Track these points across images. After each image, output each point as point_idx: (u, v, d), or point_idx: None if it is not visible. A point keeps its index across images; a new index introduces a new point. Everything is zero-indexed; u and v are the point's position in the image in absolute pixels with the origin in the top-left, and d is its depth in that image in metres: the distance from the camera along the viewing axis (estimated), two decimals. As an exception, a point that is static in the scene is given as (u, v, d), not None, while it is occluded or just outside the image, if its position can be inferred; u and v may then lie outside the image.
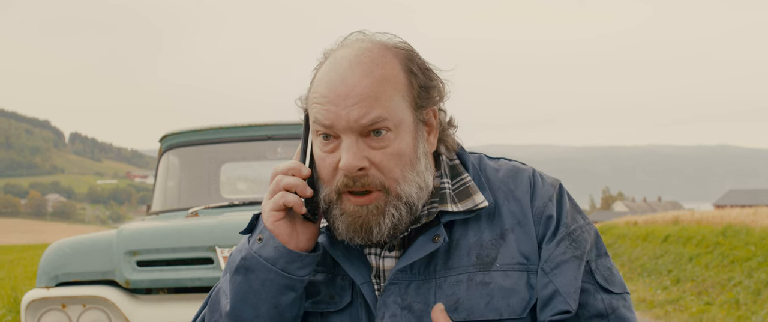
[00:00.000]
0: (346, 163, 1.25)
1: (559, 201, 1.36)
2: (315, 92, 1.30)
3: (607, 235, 23.38)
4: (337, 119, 1.25)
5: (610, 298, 1.31)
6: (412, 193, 1.28)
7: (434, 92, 1.33)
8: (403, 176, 1.28)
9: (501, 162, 1.43)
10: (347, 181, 1.26)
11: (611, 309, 1.30)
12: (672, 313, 10.53)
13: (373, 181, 1.26)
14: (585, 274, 1.31)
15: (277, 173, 1.31)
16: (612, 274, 1.34)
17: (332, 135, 1.27)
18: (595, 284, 1.31)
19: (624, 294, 1.33)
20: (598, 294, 1.30)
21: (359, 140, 1.26)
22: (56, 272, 3.34)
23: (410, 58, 1.32)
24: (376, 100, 1.25)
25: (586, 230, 1.35)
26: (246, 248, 1.32)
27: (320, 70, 1.32)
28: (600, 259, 1.34)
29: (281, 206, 1.29)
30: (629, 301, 1.34)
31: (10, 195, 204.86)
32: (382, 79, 1.26)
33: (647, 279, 14.44)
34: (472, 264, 1.31)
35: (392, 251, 1.34)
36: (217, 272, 3.25)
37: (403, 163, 1.28)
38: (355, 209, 1.27)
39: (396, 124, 1.27)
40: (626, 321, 1.31)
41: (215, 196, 4.62)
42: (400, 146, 1.28)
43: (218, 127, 4.48)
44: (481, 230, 1.33)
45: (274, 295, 1.29)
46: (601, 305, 1.30)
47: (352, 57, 1.28)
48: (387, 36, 1.33)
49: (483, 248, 1.32)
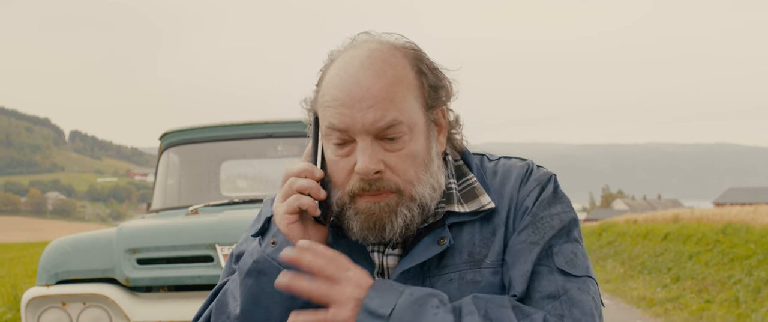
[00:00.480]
0: (362, 166, 1.24)
1: (539, 192, 1.34)
2: (326, 95, 1.28)
3: (607, 233, 23.39)
4: (352, 122, 1.24)
5: (565, 280, 1.26)
6: (425, 194, 1.28)
7: (443, 92, 1.33)
8: (418, 178, 1.28)
9: (499, 163, 1.42)
10: (363, 185, 1.26)
11: (563, 290, 1.25)
12: (672, 311, 10.53)
13: (388, 184, 1.26)
14: (544, 257, 1.28)
15: (290, 175, 1.30)
16: (576, 258, 1.30)
17: (347, 139, 1.26)
18: (552, 266, 1.27)
19: (585, 278, 1.28)
20: (553, 276, 1.27)
21: (374, 143, 1.25)
22: (56, 269, 3.33)
23: (419, 58, 1.31)
24: (391, 102, 1.24)
25: (556, 217, 1.32)
26: (258, 251, 1.31)
27: (328, 72, 1.31)
28: (566, 244, 1.31)
29: (296, 209, 1.28)
30: (590, 285, 1.28)
31: (10, 193, 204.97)
32: (395, 80, 1.25)
33: (647, 277, 14.44)
34: (463, 262, 1.31)
35: (395, 248, 1.34)
36: (217, 269, 3.25)
37: (418, 164, 1.28)
38: (368, 206, 1.26)
39: (410, 126, 1.26)
40: (577, 303, 1.25)
41: (215, 194, 4.62)
42: (415, 148, 1.27)
43: (218, 125, 4.48)
44: (475, 230, 1.33)
45: (287, 298, 1.28)
46: (554, 287, 1.26)
47: (363, 58, 1.26)
48: (394, 36, 1.33)
49: (475, 246, 1.32)
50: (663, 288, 12.72)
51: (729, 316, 9.45)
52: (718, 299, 10.66)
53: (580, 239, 1.34)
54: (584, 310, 1.25)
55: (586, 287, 1.28)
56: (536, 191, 1.34)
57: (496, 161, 1.43)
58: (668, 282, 13.20)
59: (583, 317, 1.24)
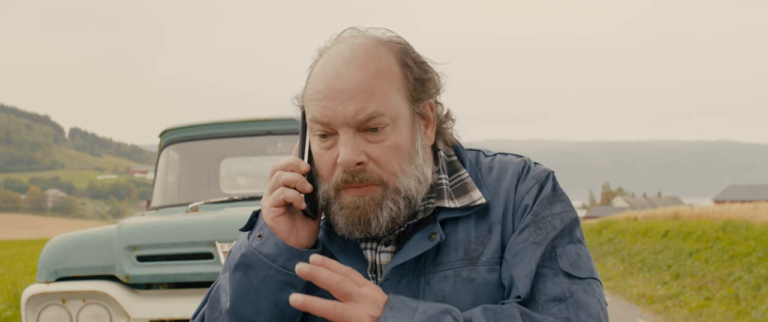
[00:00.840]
0: (344, 158, 1.24)
1: (539, 190, 1.34)
2: (310, 89, 1.30)
3: (607, 230, 23.40)
4: (334, 115, 1.25)
5: (570, 282, 1.26)
6: (411, 186, 1.28)
7: (430, 85, 1.33)
8: (402, 170, 1.28)
9: (496, 159, 1.41)
10: (346, 176, 1.26)
11: (569, 293, 1.25)
12: (672, 308, 10.54)
13: (372, 176, 1.26)
14: (548, 259, 1.28)
15: (276, 168, 1.31)
16: (579, 259, 1.29)
17: (329, 131, 1.27)
18: (557, 269, 1.27)
19: (589, 280, 1.28)
20: (558, 278, 1.26)
21: (356, 135, 1.26)
22: (56, 267, 3.34)
23: (405, 52, 1.32)
24: (372, 94, 1.25)
25: (557, 217, 1.32)
26: (245, 244, 1.32)
27: (315, 68, 1.32)
28: (569, 245, 1.30)
29: (281, 202, 1.28)
30: (595, 287, 1.28)
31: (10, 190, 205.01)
32: (377, 73, 1.26)
33: (647, 274, 14.45)
34: (459, 259, 1.30)
35: (388, 245, 1.34)
36: (217, 266, 3.25)
37: (401, 156, 1.28)
38: (352, 200, 1.27)
39: (393, 118, 1.27)
40: (584, 306, 1.24)
41: (215, 191, 4.63)
42: (398, 140, 1.27)
43: (218, 123, 4.48)
44: (470, 226, 1.33)
45: (274, 292, 1.28)
46: (559, 290, 1.25)
47: (347, 52, 1.27)
48: (380, 31, 1.34)
49: (471, 243, 1.31)
50: (663, 285, 12.73)
51: (729, 313, 9.46)
52: (718, 297, 10.66)
53: (582, 239, 1.33)
54: (590, 313, 1.24)
55: (592, 289, 1.27)
56: (535, 188, 1.33)
57: (492, 157, 1.42)
58: (668, 279, 13.21)
59: (589, 319, 1.24)
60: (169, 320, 3.22)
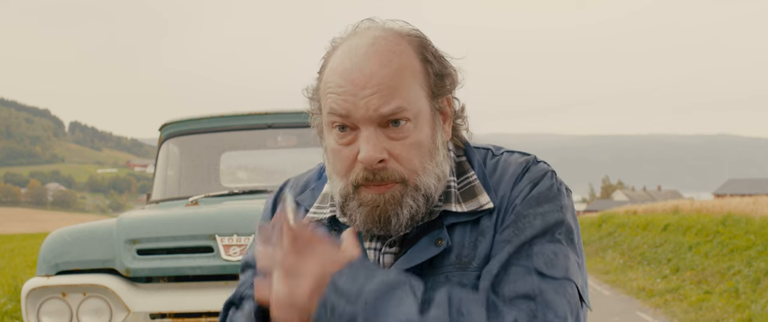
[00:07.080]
0: (365, 155, 1.21)
1: (529, 191, 1.29)
2: (328, 82, 1.25)
3: (607, 224, 23.42)
4: (354, 109, 1.21)
5: (541, 281, 1.21)
6: (430, 184, 1.25)
7: (448, 80, 1.30)
8: (423, 167, 1.25)
9: (501, 158, 1.37)
10: (367, 174, 1.23)
11: (539, 291, 1.19)
12: (671, 302, 10.55)
13: (393, 174, 1.23)
14: (522, 257, 1.23)
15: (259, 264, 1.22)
16: (556, 259, 1.24)
17: (349, 126, 1.23)
18: (529, 267, 1.22)
19: (563, 280, 1.22)
20: (530, 276, 1.21)
21: (378, 131, 1.22)
22: (56, 260, 3.34)
23: (424, 46, 1.28)
24: (396, 90, 1.21)
25: (540, 216, 1.27)
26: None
27: (331, 59, 1.27)
28: (548, 244, 1.25)
29: None
30: (567, 287, 1.22)
31: (10, 184, 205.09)
32: (399, 68, 1.22)
33: (647, 268, 14.47)
34: (450, 264, 1.27)
35: (392, 247, 1.31)
36: (217, 260, 3.26)
37: (423, 153, 1.25)
38: (372, 197, 1.23)
39: (415, 115, 1.23)
40: (551, 304, 1.19)
41: (215, 184, 4.63)
42: (420, 137, 1.24)
43: (218, 116, 4.47)
44: (466, 231, 1.29)
45: None
46: (529, 287, 1.20)
47: (367, 45, 1.23)
48: (399, 23, 1.30)
49: (464, 248, 1.28)
50: (663, 279, 12.74)
51: (728, 307, 9.47)
52: (718, 290, 10.68)
53: (565, 241, 1.27)
54: (557, 312, 1.19)
55: (563, 289, 1.22)
56: (526, 189, 1.29)
57: (498, 156, 1.38)
58: (668, 273, 13.23)
59: (555, 319, 1.19)
60: (169, 314, 3.22)
